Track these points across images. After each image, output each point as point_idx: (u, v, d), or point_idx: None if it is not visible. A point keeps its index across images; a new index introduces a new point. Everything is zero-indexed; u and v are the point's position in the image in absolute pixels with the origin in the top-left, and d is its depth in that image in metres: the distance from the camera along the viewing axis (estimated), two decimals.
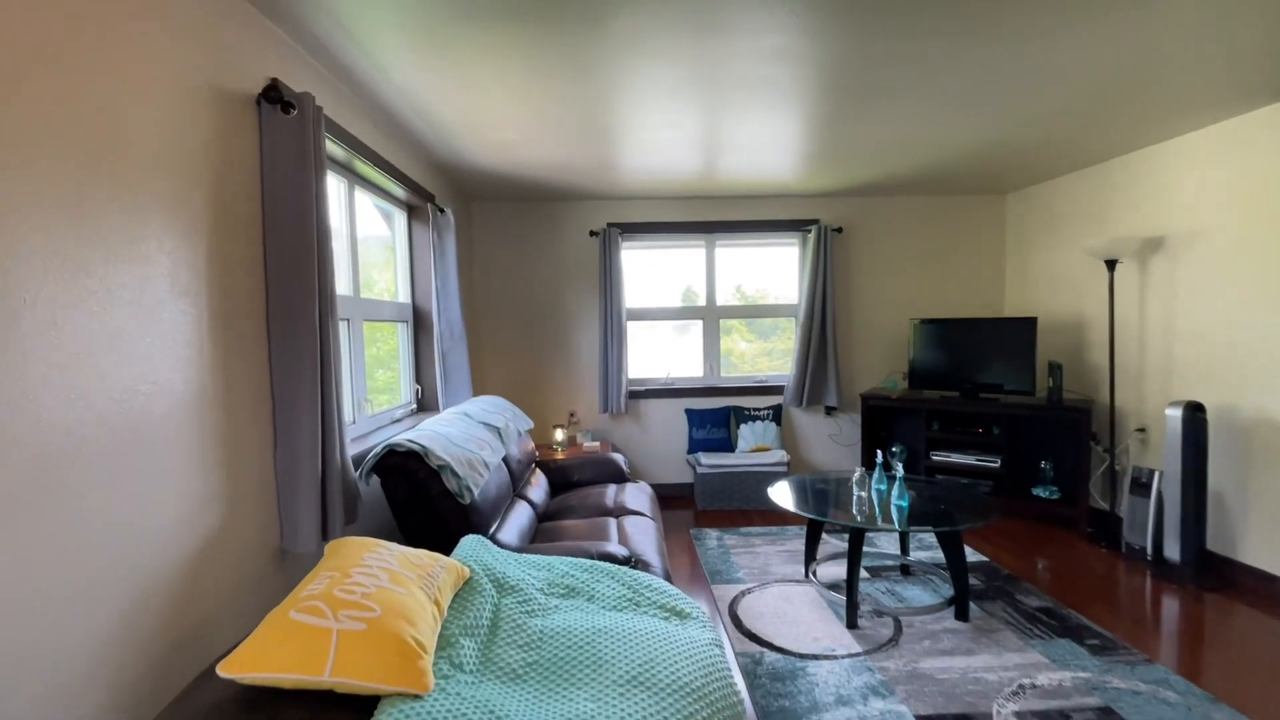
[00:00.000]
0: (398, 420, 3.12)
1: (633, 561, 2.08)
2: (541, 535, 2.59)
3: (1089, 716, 2.00)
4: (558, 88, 2.45)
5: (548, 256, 4.56)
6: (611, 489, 3.18)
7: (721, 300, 4.72)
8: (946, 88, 2.53)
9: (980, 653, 2.38)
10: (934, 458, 4.18)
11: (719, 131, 3.04)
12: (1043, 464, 3.93)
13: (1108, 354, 3.74)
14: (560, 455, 4.06)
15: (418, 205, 3.41)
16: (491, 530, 2.26)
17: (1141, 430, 3.54)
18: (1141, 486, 3.28)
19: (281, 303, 1.75)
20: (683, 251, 4.71)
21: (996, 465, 3.94)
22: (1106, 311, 3.77)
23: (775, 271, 4.78)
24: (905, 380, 4.62)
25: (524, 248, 4.54)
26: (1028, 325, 3.91)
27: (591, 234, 4.50)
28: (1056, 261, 4.20)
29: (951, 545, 2.64)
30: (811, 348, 4.51)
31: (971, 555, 3.38)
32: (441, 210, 3.38)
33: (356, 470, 2.20)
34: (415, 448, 2.05)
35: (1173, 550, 3.07)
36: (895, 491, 2.79)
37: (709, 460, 4.27)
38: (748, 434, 4.48)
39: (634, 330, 4.68)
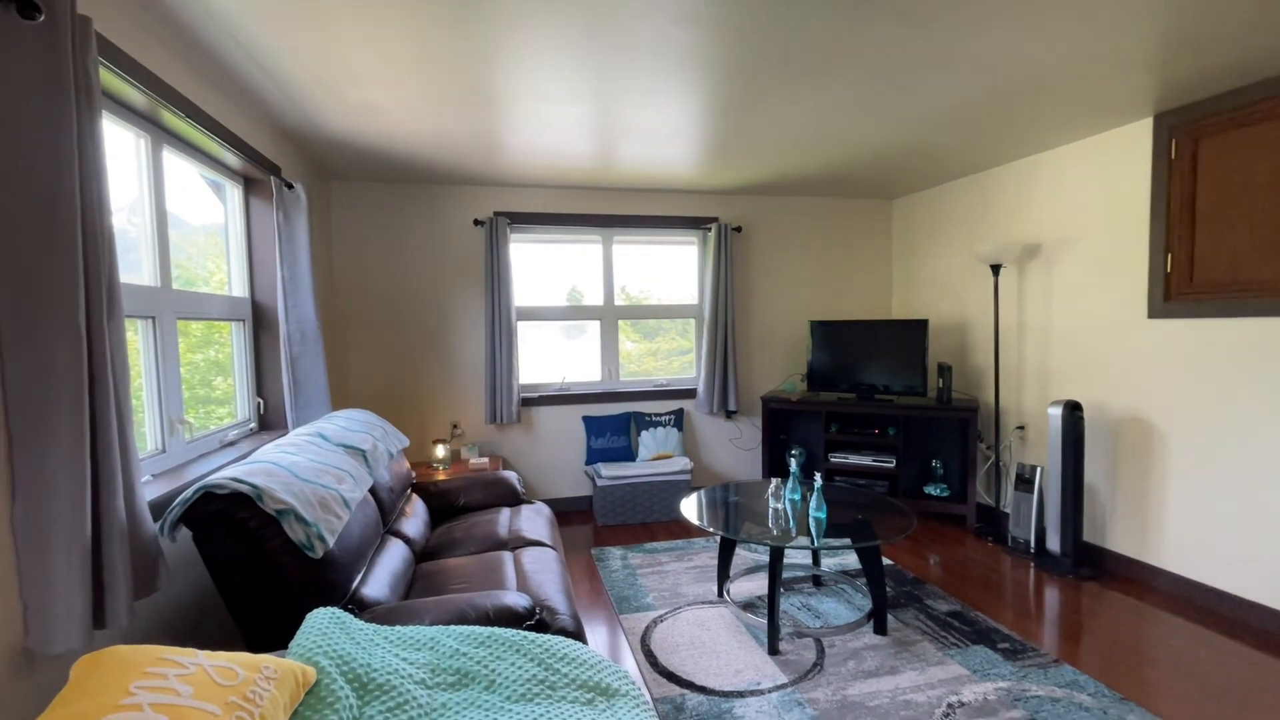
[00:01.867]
0: (231, 444, 2.50)
1: (537, 614, 1.72)
2: (421, 580, 2.14)
3: None
4: (432, 38, 2.01)
5: (425, 247, 4.02)
6: (505, 514, 2.77)
7: (621, 298, 4.43)
8: (853, 74, 2.40)
9: (904, 670, 2.28)
10: (833, 459, 4.17)
11: (617, 111, 2.73)
12: (934, 463, 4.04)
13: (992, 356, 3.91)
14: (442, 475, 3.56)
15: (258, 178, 2.78)
16: (354, 585, 1.79)
17: (1021, 428, 3.72)
18: (1024, 482, 3.42)
19: (12, 294, 1.20)
20: (579, 246, 4.36)
21: (892, 465, 3.99)
22: (990, 314, 3.94)
23: (674, 270, 4.57)
24: (804, 382, 4.60)
25: (397, 236, 3.97)
26: (919, 328, 3.99)
27: (476, 223, 4.03)
28: (941, 266, 4.36)
29: (870, 559, 2.53)
30: (716, 350, 4.35)
31: None
32: (289, 186, 2.78)
33: (158, 522, 1.64)
34: (244, 489, 1.54)
35: (1054, 542, 3.21)
36: (813, 503, 2.65)
37: (610, 471, 3.96)
38: (649, 441, 4.23)
39: (525, 331, 4.26)
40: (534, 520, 2.70)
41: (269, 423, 2.90)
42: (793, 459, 3.14)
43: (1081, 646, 2.45)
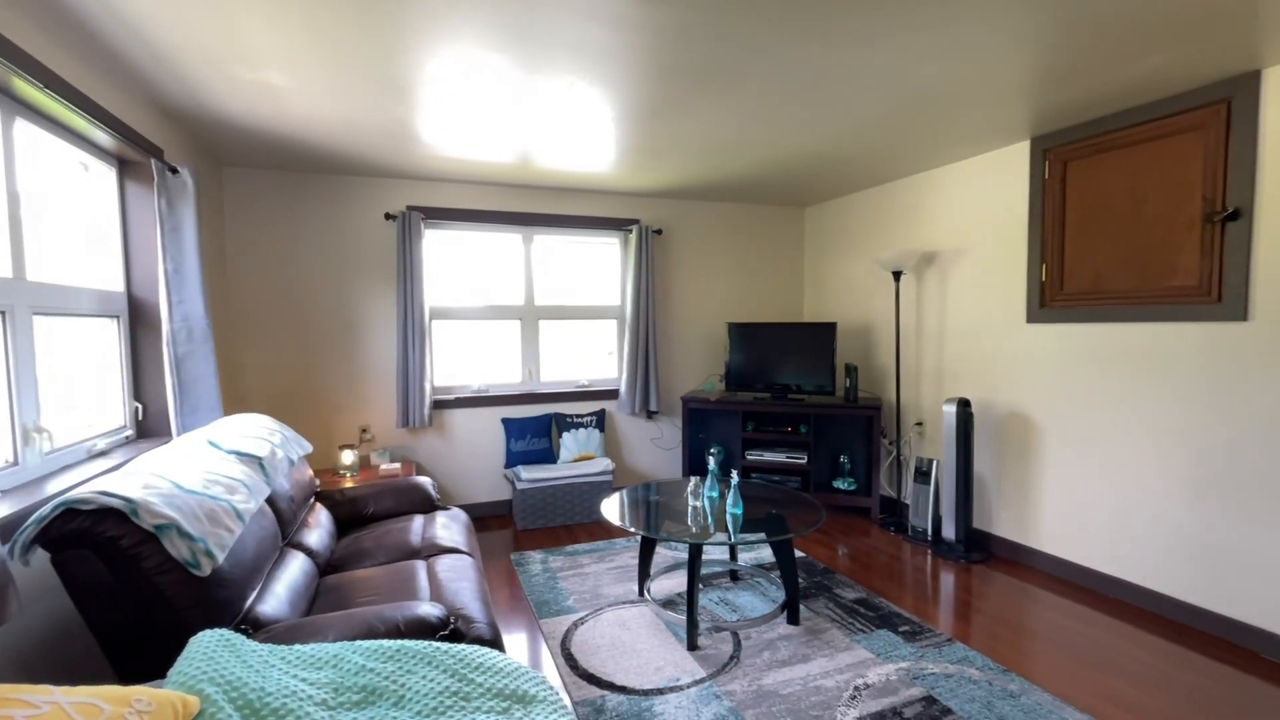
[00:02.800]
0: (102, 453, 2.25)
1: (451, 623, 1.66)
2: (326, 595, 2.01)
3: (917, 709, 2.06)
4: (339, 22, 1.90)
5: (332, 241, 3.79)
6: (418, 521, 2.66)
7: (542, 299, 4.37)
8: (768, 86, 2.49)
9: (815, 657, 2.38)
10: (749, 457, 4.30)
11: (537, 109, 2.69)
12: (842, 458, 4.26)
13: (894, 356, 4.16)
14: (350, 482, 3.37)
15: (136, 160, 2.53)
16: (249, 603, 1.66)
17: (920, 424, 3.99)
18: (922, 475, 3.67)
19: None
20: (498, 244, 4.26)
21: (804, 461, 4.16)
22: (892, 318, 4.19)
23: (596, 270, 4.56)
24: (723, 382, 4.71)
25: (300, 228, 3.72)
26: (828, 330, 4.19)
27: (388, 217, 3.85)
28: (849, 271, 4.60)
29: (783, 551, 2.63)
30: (638, 350, 4.38)
31: None
32: (173, 170, 2.54)
33: (7, 544, 1.45)
34: (114, 503, 1.38)
35: (949, 530, 3.47)
36: (730, 499, 2.71)
37: (529, 474, 3.89)
38: (570, 443, 4.19)
39: (441, 331, 4.12)
40: (449, 527, 2.61)
41: (149, 430, 2.64)
42: (711, 457, 3.22)
43: (971, 625, 2.65)
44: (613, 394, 4.51)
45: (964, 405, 3.40)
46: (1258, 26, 2.02)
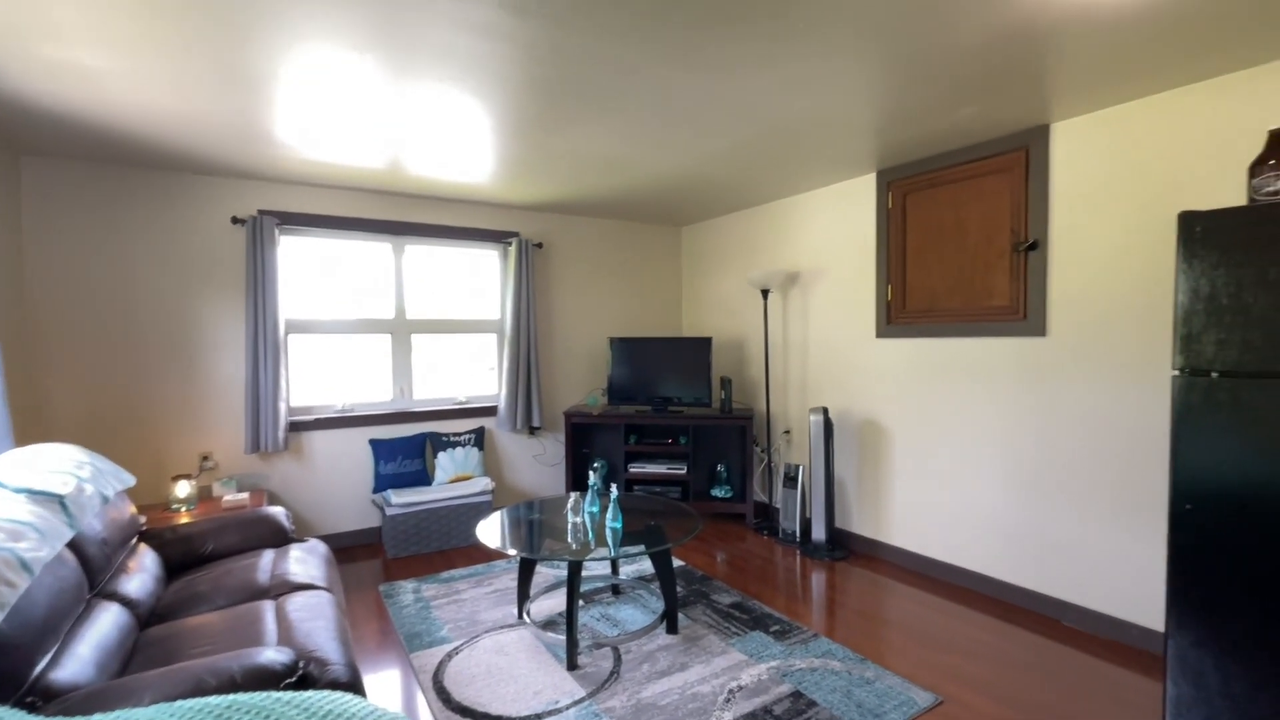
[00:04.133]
0: None
1: (301, 668, 1.50)
2: (146, 650, 1.75)
3: (785, 705, 2.16)
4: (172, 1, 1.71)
5: (165, 245, 3.36)
6: (267, 557, 2.40)
7: (415, 312, 4.15)
8: (641, 107, 2.57)
9: (693, 665, 2.43)
10: (632, 470, 4.35)
11: (406, 115, 2.58)
12: (719, 467, 4.42)
13: (764, 369, 4.41)
14: (185, 517, 2.98)
15: None
16: (39, 669, 1.40)
17: (788, 433, 4.25)
18: (790, 480, 3.91)
19: None
20: (366, 253, 3.99)
21: (683, 472, 4.28)
22: (761, 332, 4.44)
23: (475, 283, 4.42)
24: (605, 396, 4.74)
25: (124, 230, 3.26)
26: (704, 344, 4.36)
27: (235, 221, 3.48)
28: (722, 288, 4.82)
29: (662, 562, 2.67)
30: (519, 365, 4.28)
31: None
32: None
33: None
34: None
35: (815, 531, 3.71)
36: (610, 514, 2.72)
37: (401, 498, 3.66)
38: (447, 463, 4.00)
39: (299, 346, 3.78)
40: (305, 561, 2.38)
41: None
42: (594, 472, 3.23)
43: (833, 619, 2.84)
44: (493, 410, 4.38)
45: (825, 414, 3.67)
46: (1045, 87, 2.39)
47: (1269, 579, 1.65)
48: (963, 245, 3.15)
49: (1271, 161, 1.74)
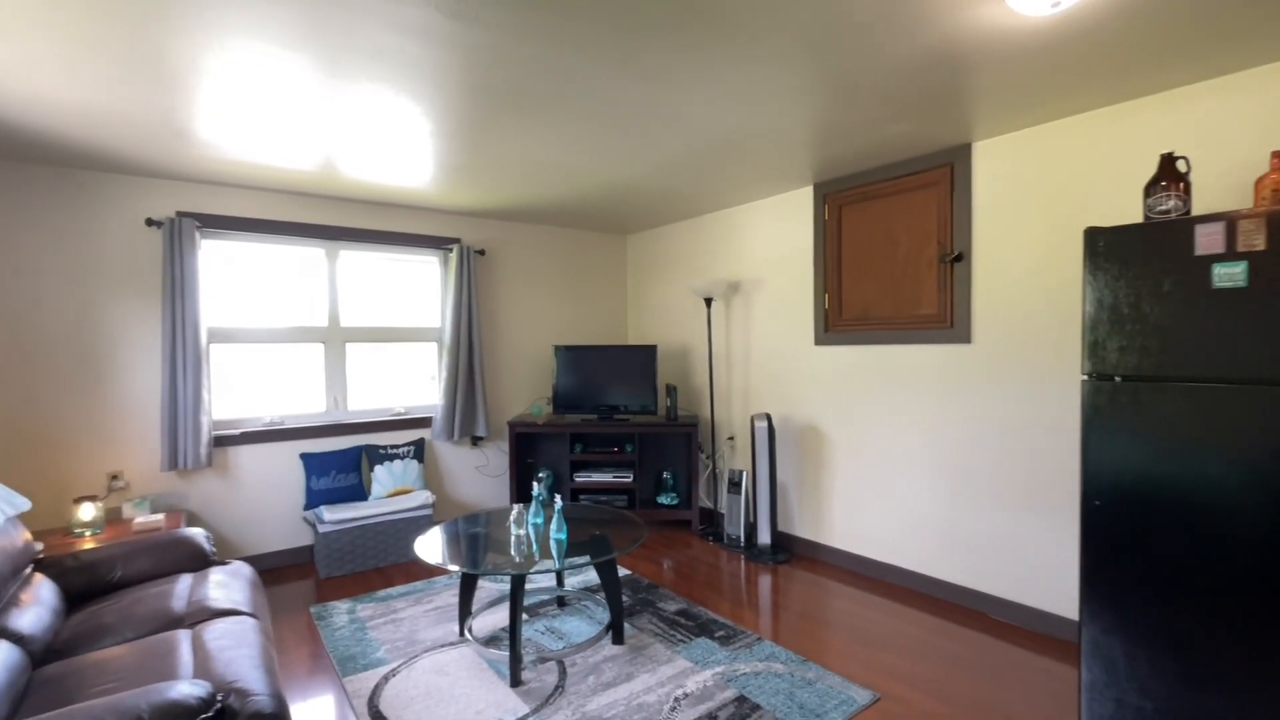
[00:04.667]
0: None
1: (219, 702, 1.41)
2: (42, 690, 1.60)
3: (730, 710, 2.17)
4: None
5: (69, 248, 3.11)
6: (184, 583, 2.24)
7: (350, 320, 4.00)
8: (584, 115, 2.57)
9: (639, 674, 2.42)
10: (577, 479, 4.31)
11: (339, 115, 2.49)
12: (665, 474, 4.44)
13: (708, 376, 4.46)
14: (90, 543, 2.75)
15: None
16: None
17: (732, 439, 4.31)
18: (734, 485, 3.96)
19: None
20: (298, 259, 3.82)
21: (629, 480, 4.27)
22: (705, 340, 4.50)
23: (415, 290, 4.30)
24: (550, 405, 4.68)
25: (21, 231, 3.00)
26: (650, 352, 4.38)
27: (151, 223, 3.27)
28: (667, 296, 4.86)
29: (607, 572, 2.65)
30: (460, 375, 4.18)
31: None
32: None
33: None
34: None
35: (758, 535, 3.77)
36: (554, 525, 2.68)
37: (334, 515, 3.50)
38: (384, 476, 3.86)
39: (223, 356, 3.57)
40: (227, 585, 2.24)
41: None
42: (539, 482, 3.18)
43: (778, 622, 2.89)
44: (433, 421, 4.25)
45: (768, 420, 3.74)
46: (967, 108, 2.53)
47: (1168, 570, 1.78)
48: (894, 256, 3.28)
49: (1163, 183, 1.89)
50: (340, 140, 2.77)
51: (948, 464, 3.08)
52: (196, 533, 2.53)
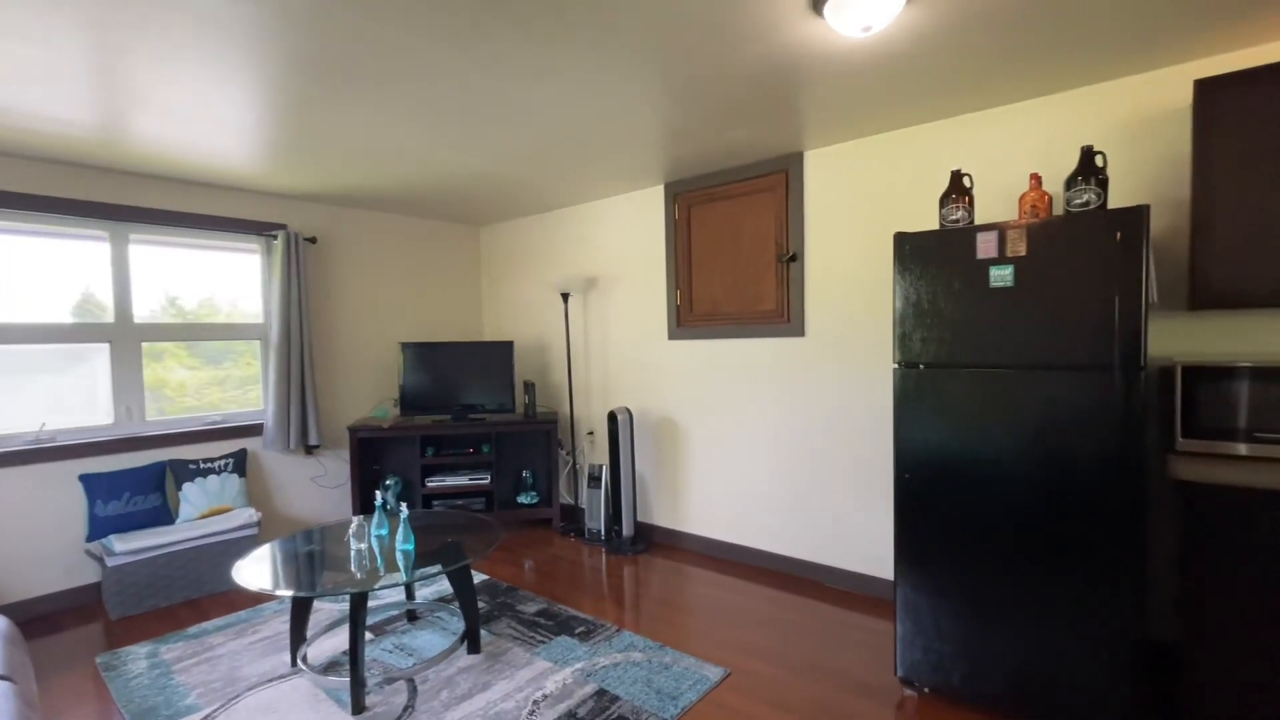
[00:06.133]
0: None
1: None
2: None
3: (589, 705, 2.17)
4: None
5: None
6: None
7: (145, 314, 3.42)
8: (422, 96, 2.42)
9: (496, 682, 2.33)
10: (429, 484, 4.07)
11: (126, 73, 2.11)
12: (525, 473, 4.34)
13: (566, 372, 4.43)
14: None
15: None
16: None
17: (591, 434, 4.32)
18: (595, 480, 3.98)
19: None
20: (74, 244, 3.18)
21: (487, 481, 4.12)
22: (563, 336, 4.46)
23: (236, 282, 3.78)
24: (397, 407, 4.38)
25: None
26: (506, 348, 4.25)
27: None
28: (524, 291, 4.75)
29: (461, 580, 2.53)
30: (292, 376, 3.75)
31: (474, 577, 3.38)
32: None
33: None
34: None
35: (619, 527, 3.82)
36: (400, 535, 2.50)
37: (129, 544, 2.98)
38: (196, 495, 3.36)
39: None
40: None
41: None
42: (386, 490, 2.94)
43: (638, 612, 2.94)
44: (259, 429, 3.78)
45: (627, 414, 3.80)
46: (798, 119, 2.73)
47: (960, 530, 2.07)
48: (738, 255, 3.48)
49: (953, 196, 2.18)
50: (128, 102, 2.35)
51: (787, 448, 3.33)
52: None
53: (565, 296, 4.15)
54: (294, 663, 2.49)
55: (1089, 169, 1.94)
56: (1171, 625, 2.30)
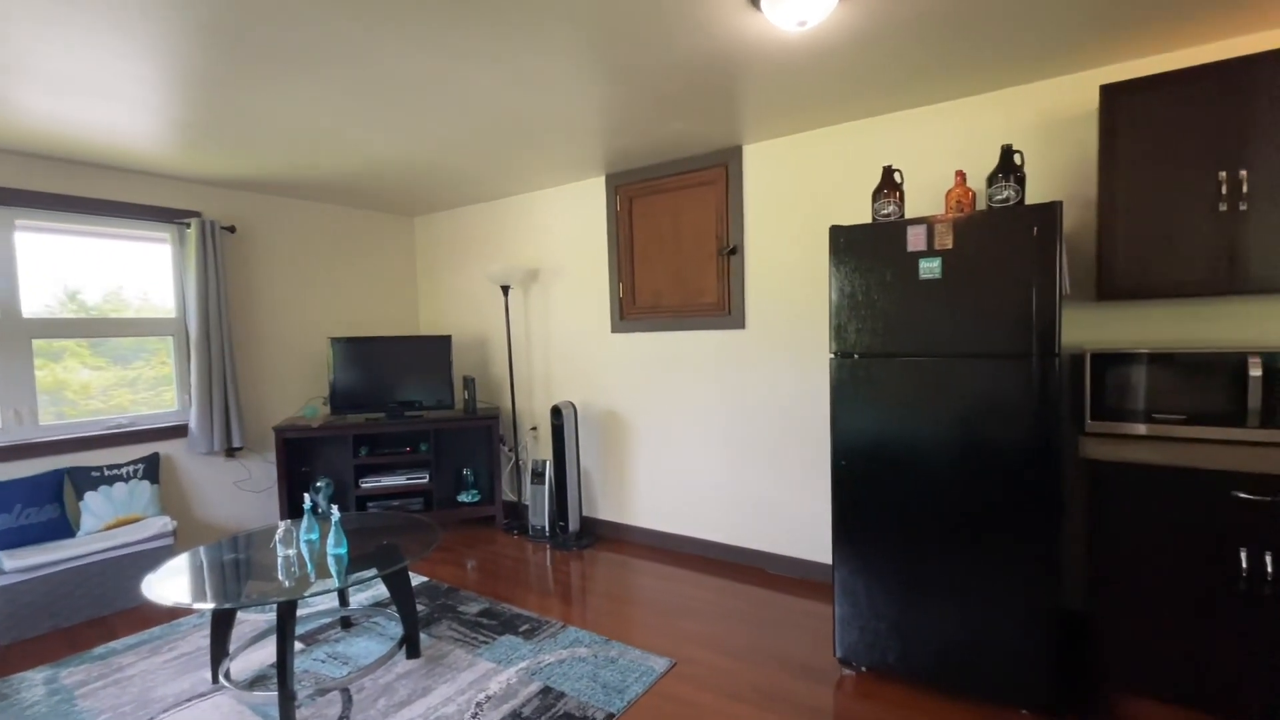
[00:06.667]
0: None
1: None
2: None
3: (534, 704, 2.14)
4: None
5: None
6: None
7: (36, 309, 3.12)
8: (350, 79, 2.31)
9: (437, 686, 2.26)
10: (364, 485, 3.91)
11: (14, 44, 1.90)
12: (465, 471, 4.23)
13: (508, 366, 4.34)
14: None
15: None
16: None
17: (534, 429, 4.25)
18: (538, 476, 3.92)
19: None
20: None
21: (425, 481, 3.99)
22: (504, 329, 4.37)
23: (143, 274, 3.50)
24: (327, 405, 4.17)
25: None
26: (443, 343, 4.12)
27: None
28: (462, 283, 4.62)
29: (398, 583, 2.43)
30: (210, 374, 3.51)
31: (412, 579, 3.27)
32: None
33: None
34: None
35: (564, 523, 3.78)
36: (331, 539, 2.38)
37: (20, 561, 2.72)
38: (100, 505, 3.10)
39: None
40: None
41: None
42: (316, 493, 2.79)
43: (584, 607, 2.92)
44: (174, 431, 3.52)
45: (570, 408, 3.75)
46: (737, 113, 2.76)
47: (892, 513, 2.15)
48: (680, 248, 3.49)
49: (885, 190, 2.25)
50: (10, 75, 2.12)
51: (729, 438, 3.37)
52: None
53: (505, 289, 4.05)
54: (215, 679, 2.33)
55: (1009, 167, 2.04)
56: (1085, 596, 2.48)
